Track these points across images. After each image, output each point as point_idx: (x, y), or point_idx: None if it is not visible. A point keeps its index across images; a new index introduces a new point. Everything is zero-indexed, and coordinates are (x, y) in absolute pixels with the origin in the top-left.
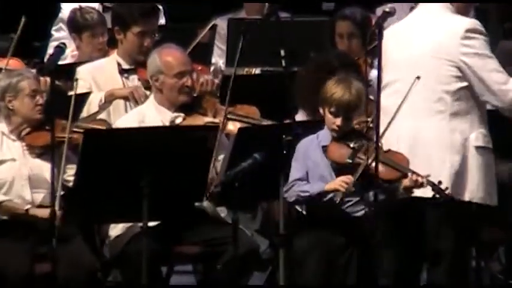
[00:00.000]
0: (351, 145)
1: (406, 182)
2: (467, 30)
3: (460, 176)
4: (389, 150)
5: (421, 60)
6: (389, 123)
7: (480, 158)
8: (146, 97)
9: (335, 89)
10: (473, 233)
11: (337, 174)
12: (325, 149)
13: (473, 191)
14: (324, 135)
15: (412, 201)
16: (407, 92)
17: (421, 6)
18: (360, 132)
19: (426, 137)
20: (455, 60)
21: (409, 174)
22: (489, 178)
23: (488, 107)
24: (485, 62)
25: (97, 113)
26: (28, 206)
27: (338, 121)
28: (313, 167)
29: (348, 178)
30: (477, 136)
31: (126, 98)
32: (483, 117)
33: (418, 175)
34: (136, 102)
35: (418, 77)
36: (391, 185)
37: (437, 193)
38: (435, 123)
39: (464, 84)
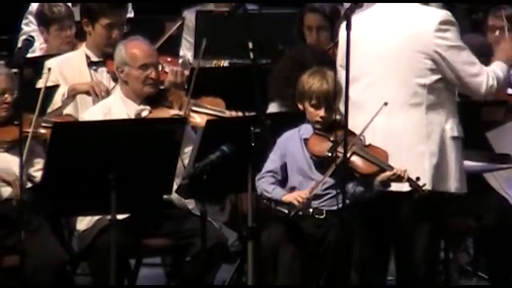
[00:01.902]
0: (331, 138)
1: (383, 176)
2: (441, 23)
3: (439, 167)
4: (369, 145)
5: (395, 53)
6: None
7: (456, 148)
8: (107, 92)
9: (312, 81)
10: (442, 224)
11: (317, 168)
12: (306, 142)
13: (452, 181)
14: (305, 129)
15: (388, 194)
16: (373, 116)
17: None
18: (341, 126)
19: (403, 131)
20: (429, 53)
21: (387, 169)
22: (462, 167)
23: None
24: (458, 54)
25: (61, 108)
26: None
27: (321, 112)
28: (293, 160)
29: (305, 194)
30: (452, 127)
31: (87, 93)
32: (456, 107)
33: (396, 170)
34: (97, 97)
35: (386, 103)
36: (368, 179)
37: (414, 189)
38: (412, 117)
39: (439, 76)
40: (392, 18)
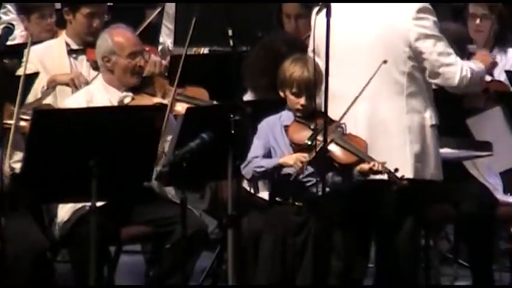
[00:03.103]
0: (311, 126)
1: (362, 167)
2: (418, 11)
3: (420, 155)
4: (349, 134)
5: (374, 43)
6: (349, 107)
7: (434, 136)
8: (87, 83)
9: (293, 69)
10: (422, 212)
11: None
12: (286, 129)
13: (430, 168)
14: (286, 116)
15: (368, 183)
16: (372, 75)
17: None
18: (321, 113)
19: (385, 119)
20: (407, 40)
21: (366, 159)
22: (439, 154)
23: None
24: (435, 43)
25: (41, 99)
26: None
27: (302, 100)
28: (275, 146)
29: (304, 157)
30: (431, 115)
31: (67, 85)
32: (432, 96)
33: (374, 161)
34: (77, 89)
35: (385, 61)
36: (347, 168)
37: (392, 182)
38: (393, 105)
39: (416, 64)
40: (370, 8)
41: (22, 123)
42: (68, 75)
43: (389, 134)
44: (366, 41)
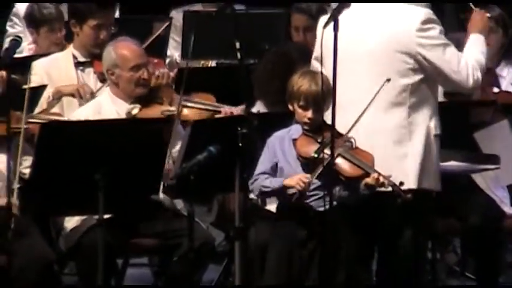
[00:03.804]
0: (319, 140)
1: (368, 180)
2: (423, 22)
3: (423, 166)
4: (356, 148)
5: (377, 54)
6: (356, 121)
7: (437, 146)
8: (92, 94)
9: (301, 82)
10: (429, 224)
11: (304, 169)
12: (294, 142)
13: (430, 179)
14: (295, 129)
15: (373, 196)
16: (376, 92)
17: None
18: (329, 127)
19: (385, 130)
20: (412, 53)
21: (372, 173)
22: (439, 165)
23: None
24: (443, 52)
25: (46, 110)
26: None
27: (309, 114)
28: (282, 160)
29: (306, 177)
30: (435, 125)
31: (72, 95)
32: (437, 106)
33: (380, 175)
34: (82, 99)
35: (389, 80)
36: (353, 182)
37: (397, 195)
38: (394, 116)
39: (421, 76)
40: (374, 17)
41: (30, 126)
42: (73, 85)
43: (389, 145)
44: (369, 52)
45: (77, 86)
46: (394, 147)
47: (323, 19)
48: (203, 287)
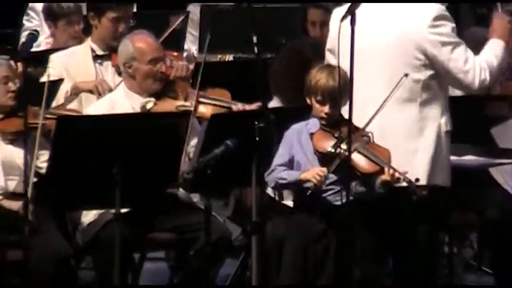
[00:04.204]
0: (335, 135)
1: (383, 177)
2: (435, 18)
3: (434, 161)
4: (372, 143)
5: (389, 49)
6: (373, 116)
7: (448, 142)
8: (111, 90)
9: (319, 76)
10: (445, 219)
11: (320, 163)
12: (311, 136)
13: (440, 174)
14: (313, 123)
15: (389, 193)
16: (393, 89)
17: None
18: (347, 122)
19: (396, 126)
20: (423, 49)
21: (388, 169)
22: (450, 160)
23: None
24: (452, 50)
25: (63, 105)
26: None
27: (326, 109)
28: (299, 153)
29: (322, 171)
30: (446, 121)
31: (91, 92)
32: (448, 102)
33: (396, 171)
34: (100, 96)
35: (407, 75)
36: (369, 178)
37: (413, 192)
38: (405, 112)
39: (432, 72)
40: (387, 13)
41: (47, 122)
42: (92, 82)
43: (400, 141)
44: (381, 47)
45: (95, 83)
46: (405, 142)
47: (336, 12)
48: (220, 281)
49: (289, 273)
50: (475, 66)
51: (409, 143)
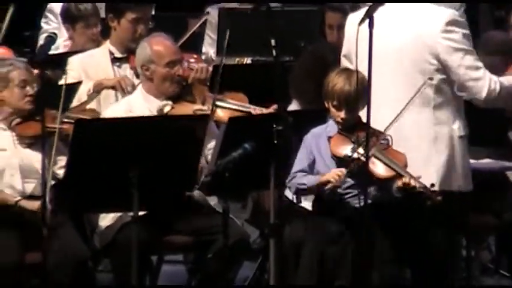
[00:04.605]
0: (352, 139)
1: (399, 183)
2: (448, 23)
3: (447, 167)
4: (390, 147)
5: (403, 53)
6: (394, 120)
7: (463, 147)
8: (134, 86)
9: (336, 80)
10: (463, 223)
11: (338, 167)
12: (329, 140)
13: (457, 179)
14: (332, 125)
15: (404, 198)
16: (415, 94)
17: None
18: (365, 126)
19: (411, 130)
20: (435, 53)
21: (404, 175)
22: (468, 165)
23: None
24: (463, 57)
25: (85, 102)
26: (18, 198)
27: (342, 114)
28: (318, 157)
29: (341, 171)
30: (459, 126)
31: (114, 88)
32: (462, 106)
33: (412, 177)
34: (124, 92)
35: (431, 78)
36: (386, 183)
37: (428, 198)
38: (419, 116)
39: (444, 76)
40: (400, 17)
41: (64, 126)
42: (115, 78)
43: (415, 144)
44: (394, 51)
45: (118, 79)
46: (419, 146)
47: (351, 17)
48: (238, 285)
49: (306, 275)
50: (485, 76)
51: (422, 147)
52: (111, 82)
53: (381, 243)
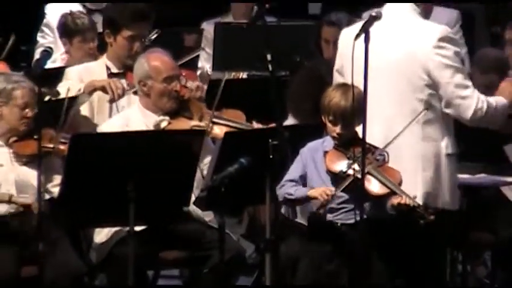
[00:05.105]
0: (348, 155)
1: (393, 201)
2: (440, 39)
3: (432, 184)
4: (385, 164)
5: (395, 69)
6: (391, 141)
7: (450, 166)
8: (123, 90)
9: (332, 96)
10: (455, 241)
11: (333, 182)
12: (325, 155)
13: (443, 197)
14: (329, 141)
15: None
16: (411, 120)
17: (387, 7)
18: (360, 141)
19: (399, 146)
20: (427, 69)
21: (398, 193)
22: (455, 183)
23: None
24: (452, 74)
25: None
26: (11, 193)
27: (338, 129)
28: (313, 172)
29: (330, 190)
30: (447, 144)
31: (104, 89)
32: (451, 124)
33: (406, 196)
34: (113, 93)
35: (427, 109)
36: (380, 200)
37: (421, 217)
38: (408, 132)
39: (434, 92)
40: (394, 33)
41: (61, 147)
42: (106, 80)
43: (402, 160)
44: (386, 66)
45: (109, 80)
46: (405, 163)
47: (344, 32)
48: None
49: None
50: (473, 95)
51: (409, 163)
52: (102, 83)
53: (376, 264)
